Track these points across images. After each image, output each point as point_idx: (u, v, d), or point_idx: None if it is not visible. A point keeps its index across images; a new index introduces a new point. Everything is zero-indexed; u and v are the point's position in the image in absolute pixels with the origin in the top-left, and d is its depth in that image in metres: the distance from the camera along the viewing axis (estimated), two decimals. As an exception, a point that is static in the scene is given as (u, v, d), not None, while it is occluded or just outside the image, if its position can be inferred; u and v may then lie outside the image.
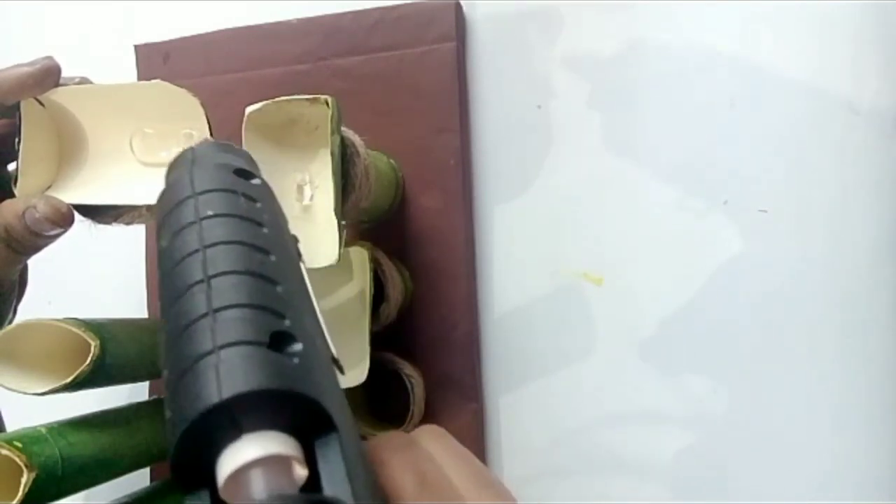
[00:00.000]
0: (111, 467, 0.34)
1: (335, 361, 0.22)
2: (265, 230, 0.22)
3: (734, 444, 0.43)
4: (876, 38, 0.42)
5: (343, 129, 0.37)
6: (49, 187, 0.34)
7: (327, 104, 0.34)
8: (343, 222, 0.35)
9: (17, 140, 0.32)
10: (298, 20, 0.49)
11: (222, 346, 0.18)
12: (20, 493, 0.29)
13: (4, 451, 0.29)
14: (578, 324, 0.45)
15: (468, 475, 0.22)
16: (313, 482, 0.17)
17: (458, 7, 0.47)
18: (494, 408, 0.46)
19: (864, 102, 0.42)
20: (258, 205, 0.23)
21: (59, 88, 0.33)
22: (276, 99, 0.35)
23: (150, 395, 0.48)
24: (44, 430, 0.32)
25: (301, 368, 0.18)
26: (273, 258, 0.21)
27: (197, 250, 0.21)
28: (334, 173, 0.35)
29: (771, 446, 0.42)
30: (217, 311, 0.19)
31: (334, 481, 0.17)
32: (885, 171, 0.41)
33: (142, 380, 0.40)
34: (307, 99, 0.35)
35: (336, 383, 0.21)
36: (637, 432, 0.44)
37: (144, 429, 0.37)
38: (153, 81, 0.33)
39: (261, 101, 0.35)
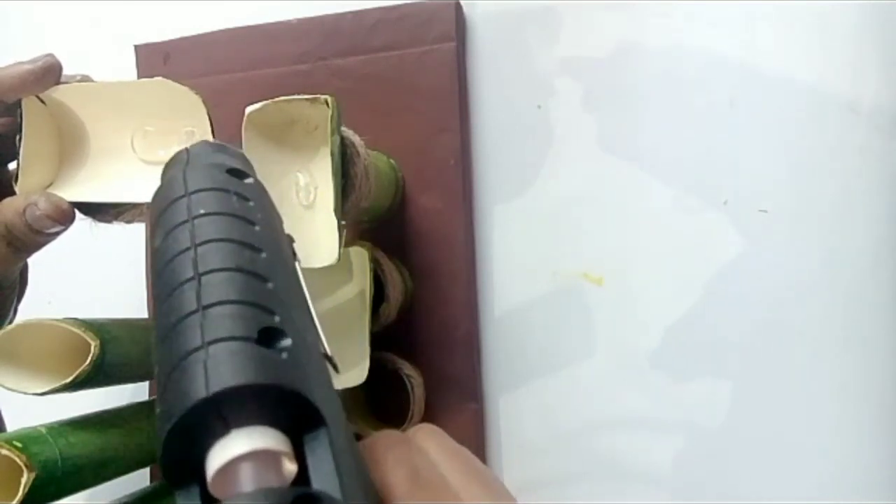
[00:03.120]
0: (111, 467, 0.34)
1: (328, 358, 0.22)
2: (257, 228, 0.22)
3: (734, 445, 0.43)
4: (876, 38, 0.42)
5: (343, 129, 0.37)
6: (50, 185, 0.34)
7: (327, 104, 0.34)
8: (343, 222, 0.35)
9: (18, 138, 0.32)
10: (298, 20, 0.49)
11: (211, 342, 0.18)
12: (20, 494, 0.29)
13: (4, 451, 0.29)
14: (578, 324, 0.45)
15: (463, 472, 0.22)
16: (303, 478, 0.17)
17: (458, 7, 0.47)
18: (494, 408, 0.46)
19: (864, 102, 0.42)
20: (251, 203, 0.23)
21: (61, 86, 0.33)
22: (276, 99, 0.35)
23: (150, 395, 0.48)
24: (44, 430, 0.32)
25: (289, 364, 0.18)
26: (264, 255, 0.21)
27: (188, 248, 0.21)
28: (334, 173, 0.35)
29: (771, 446, 0.42)
30: (206, 307, 0.19)
31: (323, 476, 0.17)
32: (885, 171, 0.41)
33: (142, 380, 0.40)
34: (307, 99, 0.35)
35: (328, 380, 0.21)
36: (637, 432, 0.44)
37: (144, 429, 0.37)
38: (155, 79, 0.33)
39: (261, 101, 0.35)
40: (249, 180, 0.25)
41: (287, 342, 0.19)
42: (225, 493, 0.17)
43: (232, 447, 0.17)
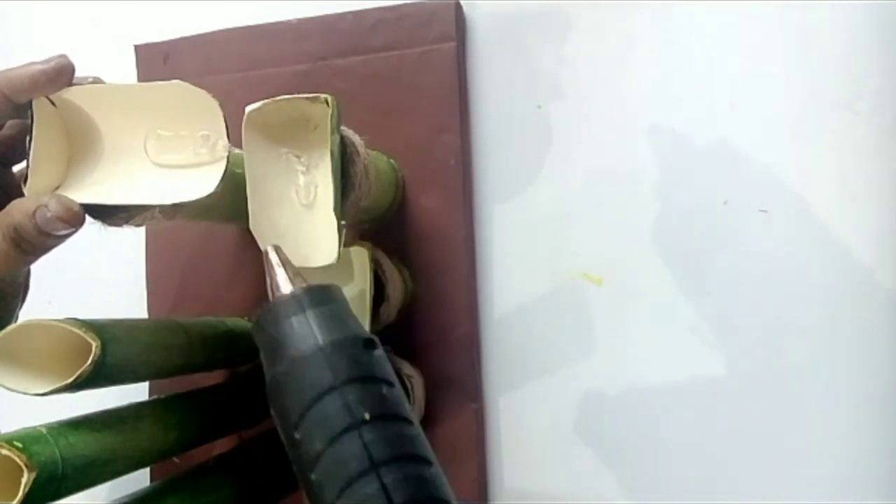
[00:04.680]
0: (111, 467, 0.34)
1: None
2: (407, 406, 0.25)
3: (734, 444, 0.43)
4: (876, 38, 0.42)
5: (343, 128, 0.37)
6: (59, 187, 0.34)
7: (327, 103, 0.34)
8: (343, 222, 0.35)
9: (28, 139, 0.32)
10: (298, 20, 0.49)
11: None
12: (20, 494, 0.29)
13: (4, 451, 0.29)
14: (578, 324, 0.45)
15: None
16: None
17: (458, 7, 0.47)
18: (494, 408, 0.46)
19: (864, 102, 0.42)
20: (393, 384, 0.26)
21: (73, 87, 0.33)
22: (276, 98, 0.35)
23: (150, 395, 0.48)
24: (44, 430, 0.31)
25: None
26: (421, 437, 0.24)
27: (369, 469, 0.22)
28: (334, 173, 0.35)
29: (771, 446, 0.42)
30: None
31: None
32: (885, 171, 0.42)
33: (143, 380, 0.40)
34: (307, 98, 0.35)
35: None
36: (637, 432, 0.44)
37: (144, 429, 0.37)
38: (172, 82, 0.33)
39: (261, 100, 0.35)
40: (378, 351, 0.26)
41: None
42: None
43: None
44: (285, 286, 0.30)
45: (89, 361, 0.32)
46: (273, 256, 0.31)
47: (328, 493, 0.22)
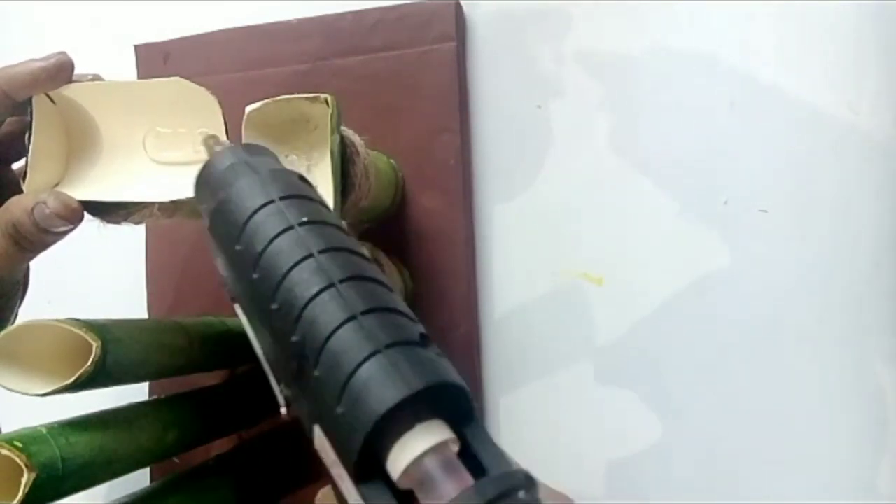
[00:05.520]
0: (111, 467, 0.34)
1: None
2: (346, 235, 0.24)
3: (734, 444, 0.43)
4: (876, 39, 0.42)
5: (343, 128, 0.37)
6: (57, 184, 0.34)
7: (327, 103, 0.34)
8: (343, 222, 0.35)
9: (27, 136, 0.32)
10: (298, 20, 0.49)
11: (388, 346, 0.20)
12: (20, 494, 0.29)
13: (4, 451, 0.29)
14: (578, 324, 0.45)
15: None
16: (471, 460, 0.19)
17: (458, 7, 0.47)
18: (494, 408, 0.46)
19: (864, 102, 0.42)
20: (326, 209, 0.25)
21: (72, 84, 0.33)
22: (276, 98, 0.35)
23: (150, 395, 0.48)
24: (44, 430, 0.31)
25: (447, 363, 0.21)
26: (373, 264, 0.23)
27: (309, 256, 0.22)
28: (334, 172, 0.35)
29: (771, 446, 0.42)
30: (363, 313, 0.20)
31: (492, 456, 0.19)
32: (885, 171, 0.42)
33: (143, 380, 0.40)
34: (307, 98, 0.35)
35: None
36: (637, 432, 0.44)
37: (144, 429, 0.37)
38: (172, 79, 0.33)
39: (261, 100, 0.35)
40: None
41: (434, 345, 0.21)
42: (412, 480, 0.19)
43: (421, 440, 0.19)
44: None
45: (90, 362, 0.32)
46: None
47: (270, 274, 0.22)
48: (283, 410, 0.23)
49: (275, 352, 0.22)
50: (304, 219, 0.23)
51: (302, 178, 0.26)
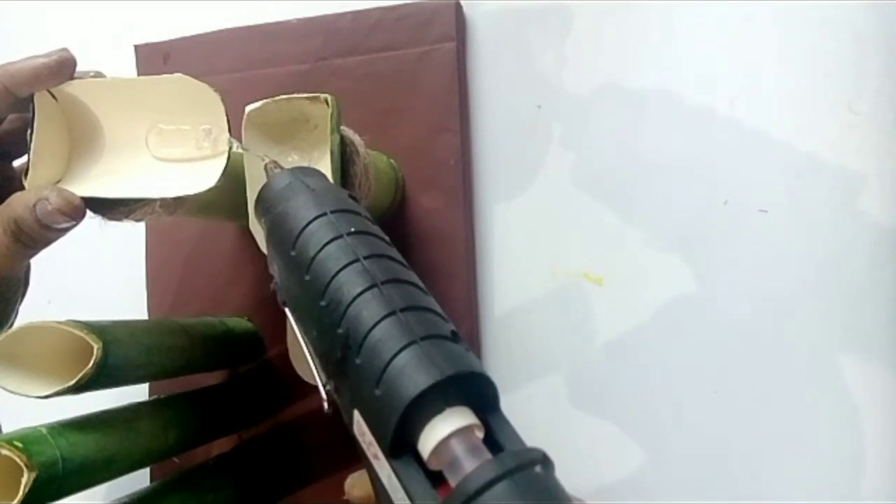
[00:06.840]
0: (111, 467, 0.34)
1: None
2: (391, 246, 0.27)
3: (734, 444, 0.43)
4: (876, 38, 0.42)
5: (343, 128, 0.37)
6: (59, 181, 0.34)
7: (327, 103, 0.34)
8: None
9: (29, 133, 0.32)
10: (298, 20, 0.49)
11: (423, 338, 0.22)
12: (20, 493, 0.29)
13: (5, 451, 0.29)
14: (578, 324, 0.45)
15: None
16: (493, 444, 0.22)
17: (458, 7, 0.47)
18: (494, 408, 0.46)
19: (864, 102, 0.42)
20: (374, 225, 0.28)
21: (74, 81, 0.33)
22: (276, 98, 0.35)
23: (150, 395, 0.48)
24: (44, 430, 0.32)
25: (475, 355, 0.23)
26: (412, 271, 0.26)
27: (355, 260, 0.25)
28: (334, 172, 0.35)
29: (771, 446, 0.42)
30: (403, 310, 0.23)
31: (515, 441, 0.23)
32: (885, 171, 0.42)
33: (144, 381, 0.40)
34: (307, 98, 0.35)
35: None
36: (637, 432, 0.44)
37: (144, 429, 0.37)
38: (174, 75, 0.33)
39: (261, 100, 0.35)
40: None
41: (463, 341, 0.24)
42: (441, 461, 0.21)
43: (449, 423, 0.21)
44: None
45: (91, 363, 0.32)
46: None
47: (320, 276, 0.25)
48: (325, 405, 0.25)
49: (321, 345, 0.25)
50: (352, 229, 0.26)
51: (351, 196, 0.29)
